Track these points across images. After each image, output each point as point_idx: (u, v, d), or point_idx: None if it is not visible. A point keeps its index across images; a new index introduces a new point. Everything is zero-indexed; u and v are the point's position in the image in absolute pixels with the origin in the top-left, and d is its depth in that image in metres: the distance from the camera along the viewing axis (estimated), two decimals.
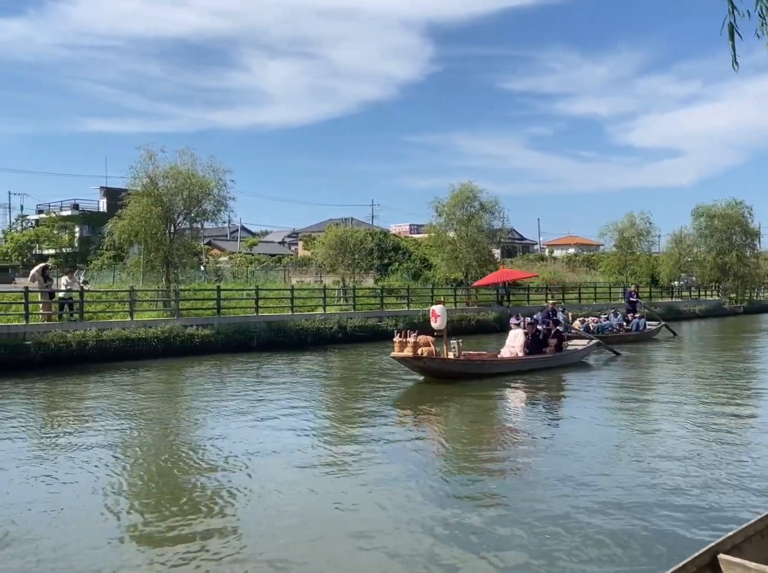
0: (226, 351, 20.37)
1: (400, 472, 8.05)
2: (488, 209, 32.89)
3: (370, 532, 6.17)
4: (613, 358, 19.84)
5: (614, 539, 5.92)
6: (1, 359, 16.65)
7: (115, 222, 23.10)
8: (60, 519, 6.59)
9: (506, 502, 6.95)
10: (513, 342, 16.72)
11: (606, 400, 13.23)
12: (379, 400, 13.00)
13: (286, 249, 74.28)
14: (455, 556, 5.62)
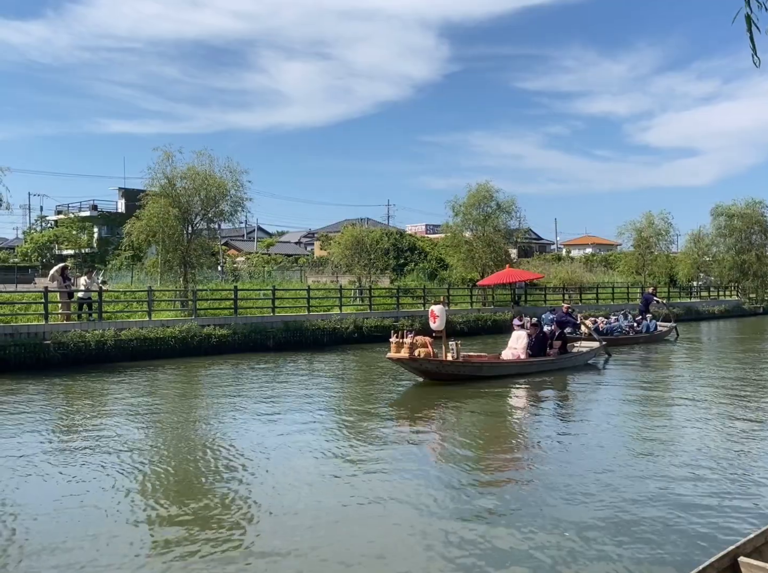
0: (243, 351, 20.47)
1: (411, 475, 8.04)
2: (505, 209, 32.79)
3: (380, 537, 6.18)
4: (615, 360, 19.12)
5: (632, 543, 5.89)
6: (22, 358, 16.86)
7: (133, 222, 23.29)
8: (79, 517, 6.65)
9: (519, 507, 6.92)
10: (515, 343, 16.19)
11: (612, 403, 12.85)
12: (392, 402, 13.01)
13: (303, 249, 74.50)
14: (468, 558, 5.61)
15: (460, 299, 31.18)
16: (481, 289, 32.35)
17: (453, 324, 26.83)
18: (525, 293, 33.76)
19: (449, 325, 26.71)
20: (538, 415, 12.31)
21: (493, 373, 15.23)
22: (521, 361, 15.87)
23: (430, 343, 14.44)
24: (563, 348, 17.23)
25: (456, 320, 27.16)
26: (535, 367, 16.11)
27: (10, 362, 16.60)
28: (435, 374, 14.47)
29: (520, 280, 28.26)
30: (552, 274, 44.16)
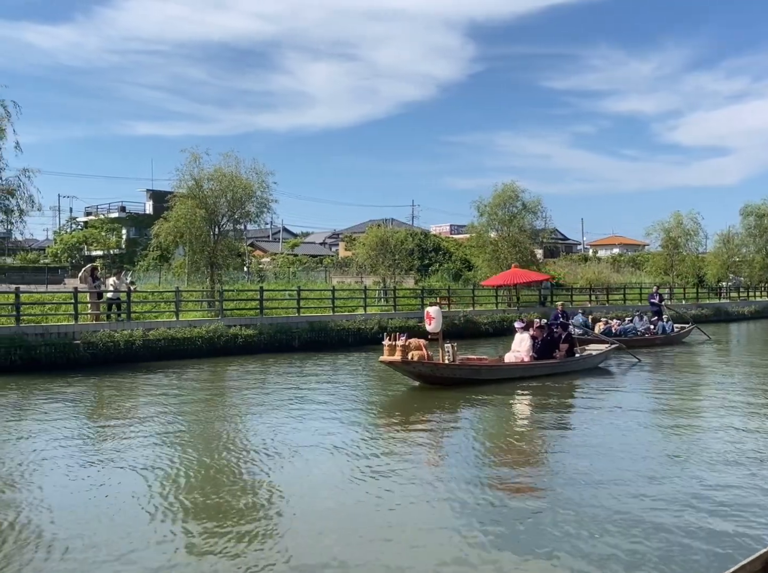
0: (269, 351, 20.61)
1: (433, 479, 8.04)
2: (531, 209, 32.59)
3: (406, 539, 6.18)
4: (635, 364, 18.61)
5: (658, 546, 5.82)
6: (52, 358, 17.15)
7: (161, 224, 23.57)
8: (110, 513, 6.74)
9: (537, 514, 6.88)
10: (518, 346, 15.54)
11: (622, 408, 12.25)
12: (411, 404, 12.99)
13: (327, 250, 74.71)
14: (495, 560, 5.60)
15: (485, 300, 31.06)
16: (506, 290, 32.19)
17: (478, 325, 26.82)
18: (551, 294, 33.51)
19: (474, 326, 26.97)
20: (540, 420, 11.65)
21: (493, 376, 14.67)
22: (523, 364, 15.23)
23: (425, 345, 13.93)
24: (570, 351, 16.53)
25: (481, 321, 27.09)
26: (538, 370, 15.43)
27: (41, 362, 16.89)
28: (430, 378, 14.02)
29: (526, 280, 27.73)
30: (579, 275, 43.80)
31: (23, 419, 11.33)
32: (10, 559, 5.64)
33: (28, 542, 6.00)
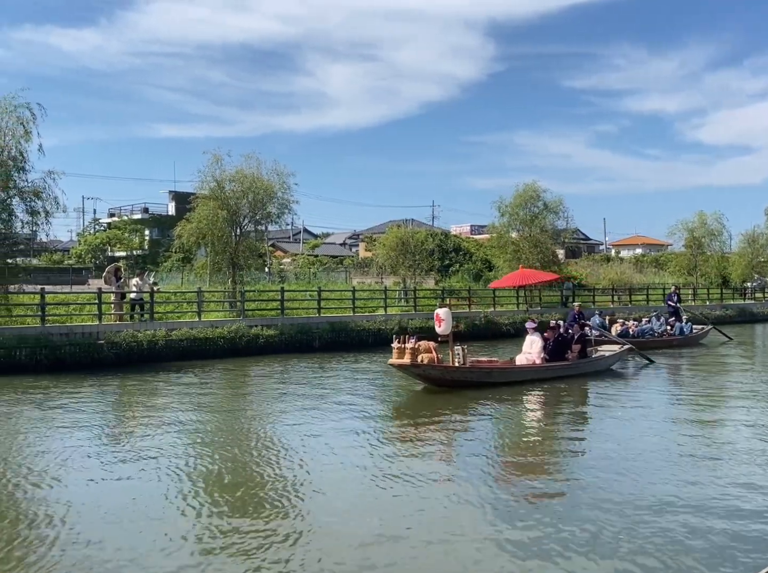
0: (290, 351, 20.70)
1: (456, 480, 8.02)
2: (552, 209, 32.40)
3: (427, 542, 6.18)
4: (648, 366, 18.25)
5: (690, 551, 5.76)
6: (76, 358, 17.36)
7: (183, 225, 23.77)
8: (134, 512, 6.82)
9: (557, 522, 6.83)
10: (529, 348, 15.25)
11: (639, 410, 12.10)
12: (429, 405, 12.96)
13: (348, 250, 74.82)
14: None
15: (506, 301, 30.91)
16: (528, 291, 32.01)
17: (499, 325, 26.69)
18: (573, 294, 33.24)
19: (495, 327, 26.84)
20: (555, 424, 11.50)
21: (504, 379, 14.44)
22: (535, 367, 14.98)
23: (435, 348, 13.74)
24: (583, 352, 16.21)
25: (502, 322, 26.97)
26: (551, 372, 15.19)
27: (66, 361, 17.11)
28: (440, 381, 13.84)
29: (535, 281, 27.38)
30: (601, 275, 43.41)
31: (49, 418, 11.49)
32: (35, 553, 5.72)
33: (54, 537, 6.09)
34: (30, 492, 7.49)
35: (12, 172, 17.31)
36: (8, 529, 6.34)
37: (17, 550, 5.86)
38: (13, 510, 6.93)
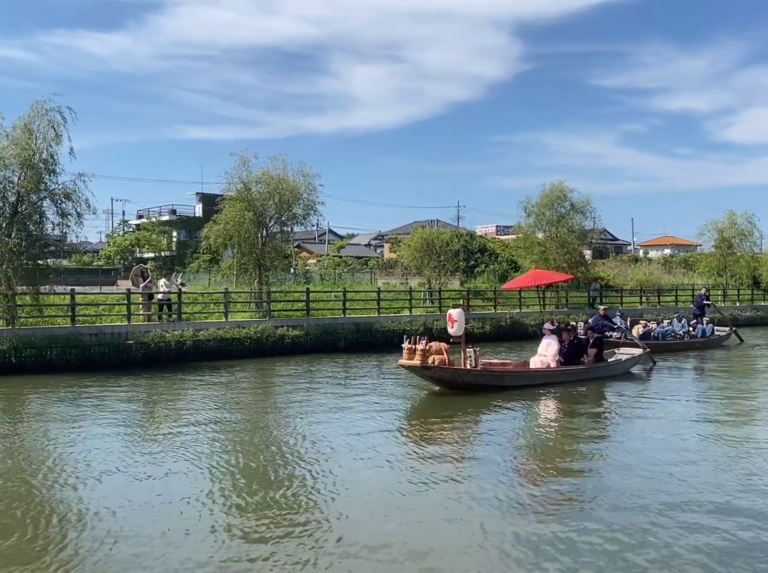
0: (315, 351, 20.77)
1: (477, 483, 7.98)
2: (579, 209, 32.09)
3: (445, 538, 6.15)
4: (665, 369, 17.81)
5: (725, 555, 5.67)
6: (106, 358, 17.62)
7: (210, 226, 23.99)
8: (162, 508, 6.90)
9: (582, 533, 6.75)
10: (544, 350, 14.92)
11: (658, 415, 11.80)
12: (452, 408, 12.92)
13: (372, 251, 74.91)
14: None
15: (532, 302, 30.71)
16: (554, 291, 31.77)
17: (525, 326, 26.50)
18: (600, 295, 32.91)
19: (521, 328, 26.65)
20: (571, 429, 11.02)
21: (517, 382, 14.15)
22: (550, 370, 14.65)
23: (446, 349, 13.48)
24: (599, 355, 15.85)
25: (528, 323, 26.78)
26: (565, 376, 14.84)
27: (95, 361, 17.37)
28: (451, 383, 13.57)
29: (548, 282, 27.05)
30: (629, 276, 42.92)
31: (79, 417, 11.66)
32: (68, 548, 5.81)
33: (83, 532, 6.18)
34: (61, 489, 7.62)
35: (43, 175, 17.62)
36: (41, 524, 6.45)
37: (50, 543, 5.96)
38: (46, 505, 7.04)
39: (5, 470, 8.38)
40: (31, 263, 17.98)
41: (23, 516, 6.72)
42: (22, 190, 17.47)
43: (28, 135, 17.36)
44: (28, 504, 7.09)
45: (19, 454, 9.18)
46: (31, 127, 17.46)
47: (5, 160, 17.32)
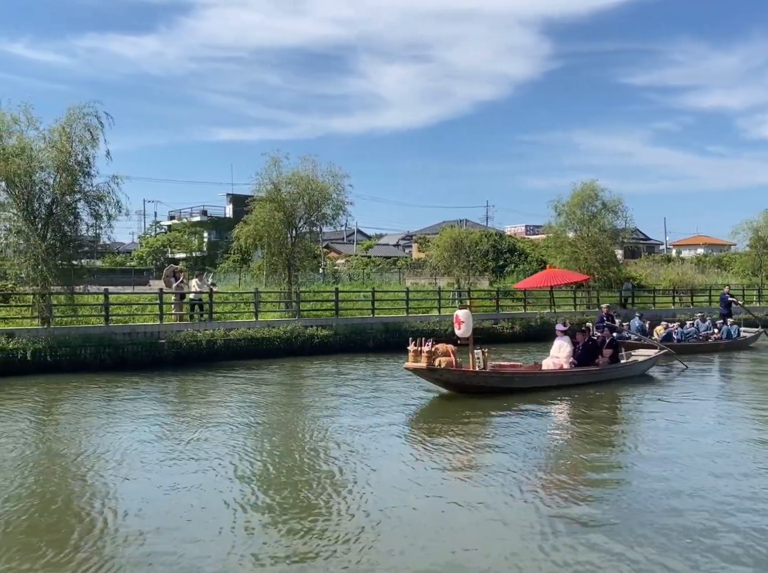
0: (344, 351, 20.83)
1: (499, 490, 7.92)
2: (611, 208, 31.69)
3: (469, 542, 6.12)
4: (683, 370, 17.30)
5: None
6: (139, 357, 17.88)
7: (241, 227, 24.23)
8: (191, 508, 6.96)
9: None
10: (557, 352, 14.54)
11: (676, 419, 11.43)
12: (480, 409, 12.84)
13: (401, 251, 74.86)
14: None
15: (562, 301, 30.43)
16: (585, 292, 31.44)
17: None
18: (632, 295, 32.48)
19: (551, 328, 26.20)
20: (587, 434, 10.62)
21: (527, 385, 13.74)
22: (561, 372, 14.27)
23: (453, 351, 13.07)
24: (614, 357, 15.39)
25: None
26: (578, 377, 14.40)
27: (128, 360, 17.64)
28: (458, 386, 13.24)
29: (563, 282, 26.54)
30: (661, 276, 42.31)
31: (113, 414, 11.84)
32: (97, 545, 5.90)
33: (113, 529, 6.28)
34: (93, 487, 7.74)
35: (78, 177, 17.96)
36: (74, 520, 6.57)
37: (80, 539, 6.06)
38: (79, 502, 7.17)
39: (40, 468, 8.54)
40: (66, 264, 18.34)
41: (57, 512, 6.85)
42: (57, 192, 17.83)
43: (64, 138, 17.71)
44: (63, 500, 7.23)
45: (53, 452, 9.35)
46: (68, 131, 17.81)
47: (42, 162, 17.70)
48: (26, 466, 8.54)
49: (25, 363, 16.27)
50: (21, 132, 17.68)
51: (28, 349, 16.47)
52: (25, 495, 7.38)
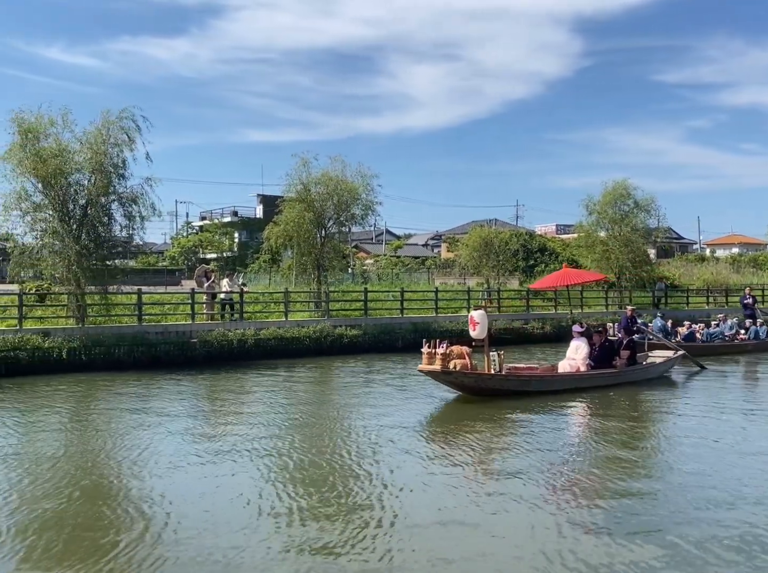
0: (373, 351, 20.85)
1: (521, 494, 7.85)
2: (643, 207, 31.26)
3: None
4: (699, 372, 16.86)
5: None
6: (171, 356, 18.10)
7: (271, 228, 24.42)
8: (222, 506, 7.02)
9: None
10: (574, 354, 14.21)
11: (697, 422, 11.16)
12: (506, 409, 12.74)
13: (430, 251, 74.77)
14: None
15: (593, 302, 30.10)
16: (617, 291, 31.06)
17: (588, 327, 25.92)
18: (665, 295, 32.00)
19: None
20: (612, 434, 10.44)
21: (544, 388, 13.49)
22: (579, 374, 13.95)
23: (468, 353, 12.72)
24: (632, 358, 14.97)
25: (590, 324, 26.20)
26: (595, 380, 14.11)
27: (161, 359, 17.87)
28: (474, 389, 12.92)
29: (578, 281, 26.08)
30: (695, 276, 41.64)
31: (146, 412, 12.00)
32: (133, 542, 5.99)
33: (146, 527, 6.35)
34: (128, 483, 7.85)
35: (113, 179, 18.25)
36: (109, 514, 6.67)
37: (115, 535, 6.15)
38: (113, 497, 7.27)
39: (76, 463, 8.69)
40: (100, 264, 18.65)
41: (93, 506, 6.96)
42: (92, 194, 18.14)
43: (100, 141, 18.01)
44: (97, 495, 7.35)
45: (89, 448, 9.50)
46: (103, 133, 18.11)
47: (77, 164, 18.02)
48: (65, 461, 8.71)
49: (60, 361, 16.59)
50: (57, 134, 18.01)
51: (64, 348, 16.79)
52: (66, 489, 7.51)
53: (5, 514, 6.70)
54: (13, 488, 7.57)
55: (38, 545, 5.96)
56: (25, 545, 5.98)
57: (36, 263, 18.62)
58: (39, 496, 7.26)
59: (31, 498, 7.23)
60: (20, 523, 6.49)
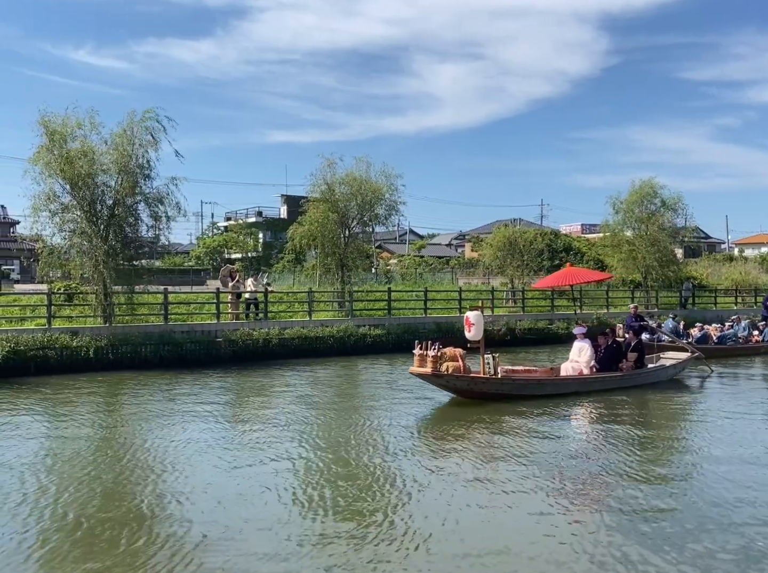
0: (396, 351, 20.78)
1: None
2: (670, 206, 30.86)
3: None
4: (708, 375, 16.40)
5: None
6: (197, 355, 18.27)
7: (295, 228, 24.55)
8: (248, 505, 7.07)
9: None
10: (577, 356, 13.70)
11: (708, 428, 10.85)
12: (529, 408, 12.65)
13: (453, 251, 74.58)
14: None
15: (619, 302, 29.78)
16: (643, 291, 30.70)
17: (612, 327, 25.65)
18: (693, 296, 31.55)
19: (604, 328, 25.72)
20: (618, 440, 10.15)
21: (543, 392, 12.91)
22: (581, 378, 13.38)
23: (461, 355, 12.37)
24: (640, 361, 14.40)
25: (614, 323, 25.93)
26: (599, 384, 13.51)
27: (187, 358, 18.04)
28: (467, 393, 12.51)
29: (583, 281, 25.57)
30: (723, 275, 41.03)
31: (172, 411, 12.12)
32: (157, 540, 6.05)
33: (169, 526, 6.42)
34: (154, 479, 7.94)
35: (138, 179, 18.45)
36: (135, 510, 6.75)
37: (143, 531, 6.23)
38: (140, 494, 7.36)
39: (105, 460, 8.81)
40: (127, 264, 18.87)
41: (121, 503, 7.04)
42: (119, 194, 18.36)
43: (126, 141, 18.22)
44: (127, 491, 7.45)
45: (117, 445, 9.62)
46: (129, 134, 18.31)
47: (104, 165, 18.24)
48: (97, 457, 8.86)
49: (88, 360, 16.83)
50: (84, 136, 18.24)
51: (91, 347, 17.02)
52: (96, 485, 7.62)
53: (40, 515, 6.83)
54: (50, 487, 7.71)
55: (81, 540, 6.06)
56: (72, 540, 6.10)
57: (64, 263, 18.87)
58: (82, 497, 7.38)
59: (71, 500, 7.34)
60: (63, 519, 6.63)
